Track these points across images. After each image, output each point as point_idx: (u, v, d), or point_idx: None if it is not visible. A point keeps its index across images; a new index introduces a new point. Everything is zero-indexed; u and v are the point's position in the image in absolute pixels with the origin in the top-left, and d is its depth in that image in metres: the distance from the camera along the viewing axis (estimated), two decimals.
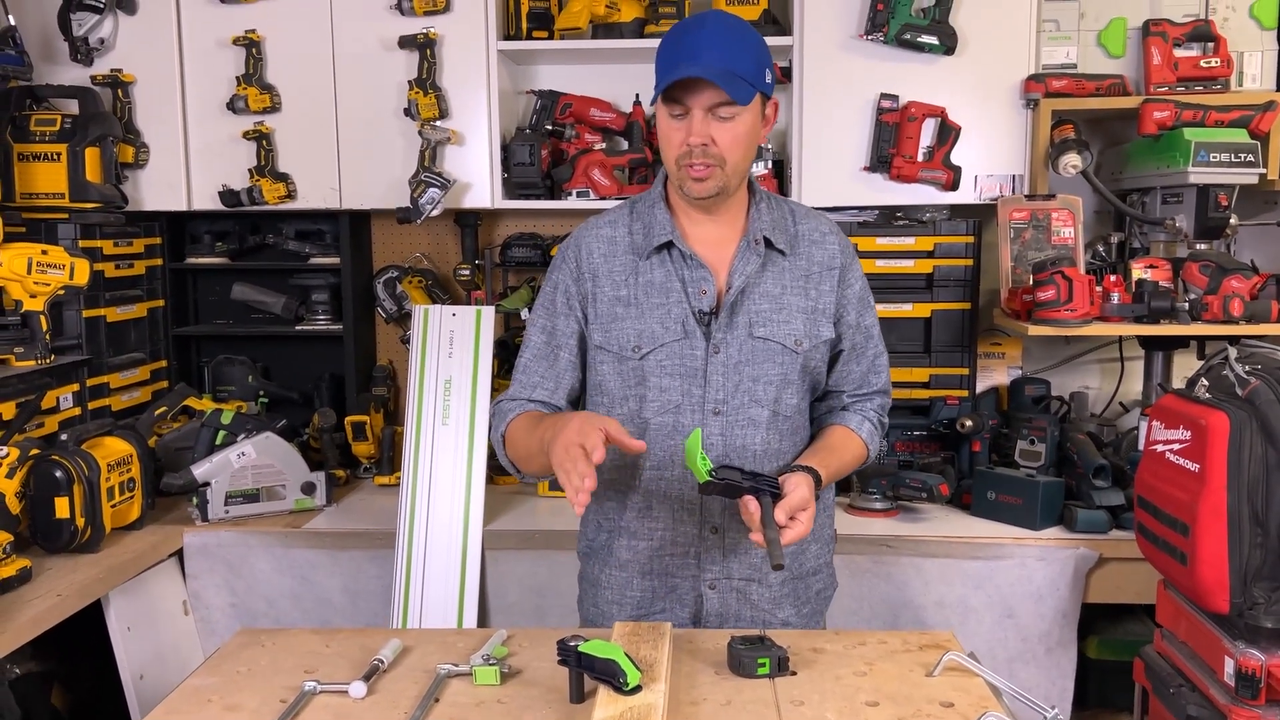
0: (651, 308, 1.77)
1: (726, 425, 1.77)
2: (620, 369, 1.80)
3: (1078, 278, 2.56)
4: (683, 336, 1.76)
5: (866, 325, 1.87)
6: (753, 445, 1.78)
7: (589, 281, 1.82)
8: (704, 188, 1.69)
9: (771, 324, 1.76)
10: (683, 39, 1.66)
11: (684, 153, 1.67)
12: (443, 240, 3.35)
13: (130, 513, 2.57)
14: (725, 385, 1.76)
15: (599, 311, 1.81)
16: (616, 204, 1.90)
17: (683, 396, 1.77)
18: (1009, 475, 2.65)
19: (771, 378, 1.77)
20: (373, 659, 1.65)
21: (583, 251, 1.84)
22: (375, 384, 3.31)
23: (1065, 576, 2.52)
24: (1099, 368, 3.26)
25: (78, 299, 2.79)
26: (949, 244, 2.93)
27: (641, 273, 1.78)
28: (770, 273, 1.77)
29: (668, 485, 1.82)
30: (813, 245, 1.82)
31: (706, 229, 1.78)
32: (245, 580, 2.67)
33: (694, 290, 1.75)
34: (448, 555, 2.59)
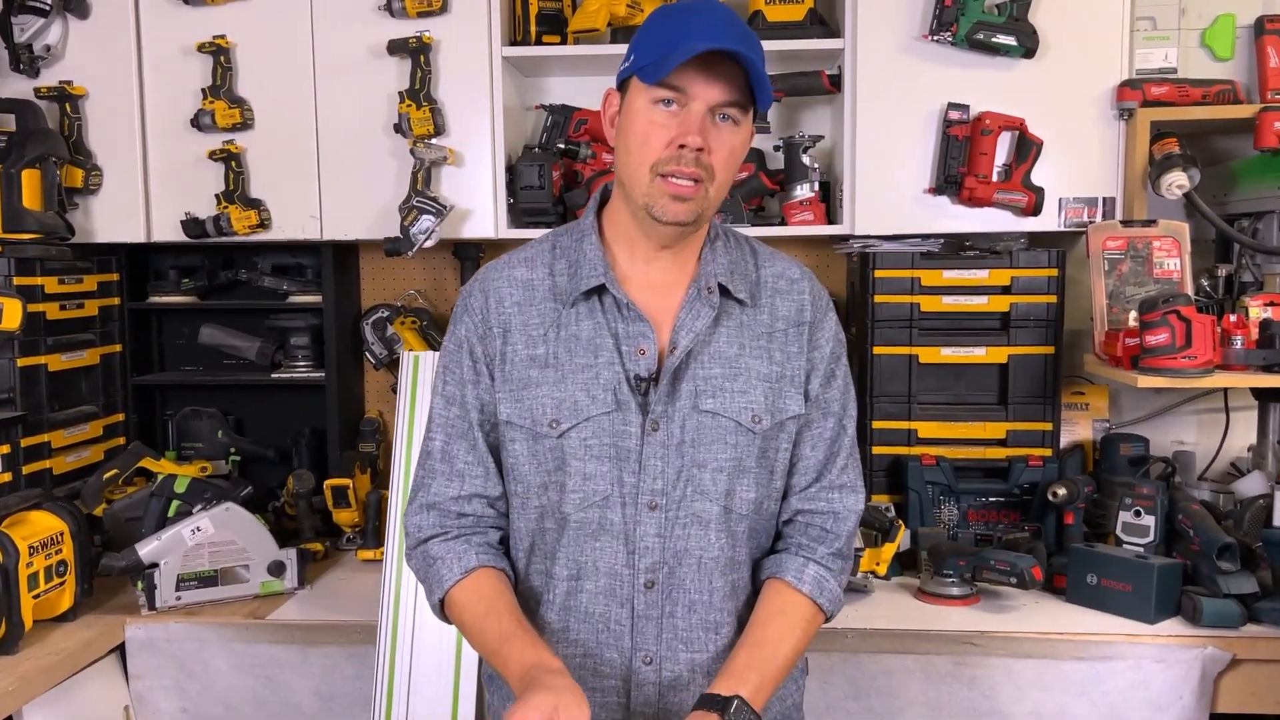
0: (575, 370, 1.36)
1: (666, 523, 1.36)
2: (535, 449, 1.38)
3: (1197, 318, 2.14)
4: (613, 408, 1.35)
5: (828, 399, 1.46)
6: (698, 550, 1.37)
7: (498, 338, 1.40)
8: (684, 209, 1.31)
9: (724, 394, 1.37)
10: (687, 17, 1.31)
11: (670, 156, 1.29)
12: (440, 275, 2.95)
13: (60, 602, 2.16)
14: (665, 472, 1.36)
15: (508, 375, 1.39)
16: (536, 237, 1.49)
17: (611, 485, 1.35)
18: (1115, 556, 2.20)
19: (722, 463, 1.37)
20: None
21: (490, 299, 1.41)
22: (362, 440, 2.90)
23: (1190, 682, 2.07)
24: (1196, 420, 2.83)
25: (10, 345, 2.39)
26: (1028, 278, 2.51)
27: (564, 325, 1.39)
28: (725, 329, 1.40)
29: (589, 600, 1.39)
30: (777, 295, 1.44)
31: (652, 271, 1.40)
32: (199, 681, 2.24)
33: (630, 349, 1.36)
34: (439, 653, 2.16)
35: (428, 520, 1.44)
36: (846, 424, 1.48)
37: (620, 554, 1.37)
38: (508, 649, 1.31)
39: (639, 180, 1.32)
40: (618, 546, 1.37)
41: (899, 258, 2.51)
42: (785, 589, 1.40)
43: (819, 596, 1.40)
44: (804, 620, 1.39)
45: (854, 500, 1.46)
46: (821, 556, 1.43)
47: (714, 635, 1.39)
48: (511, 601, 1.38)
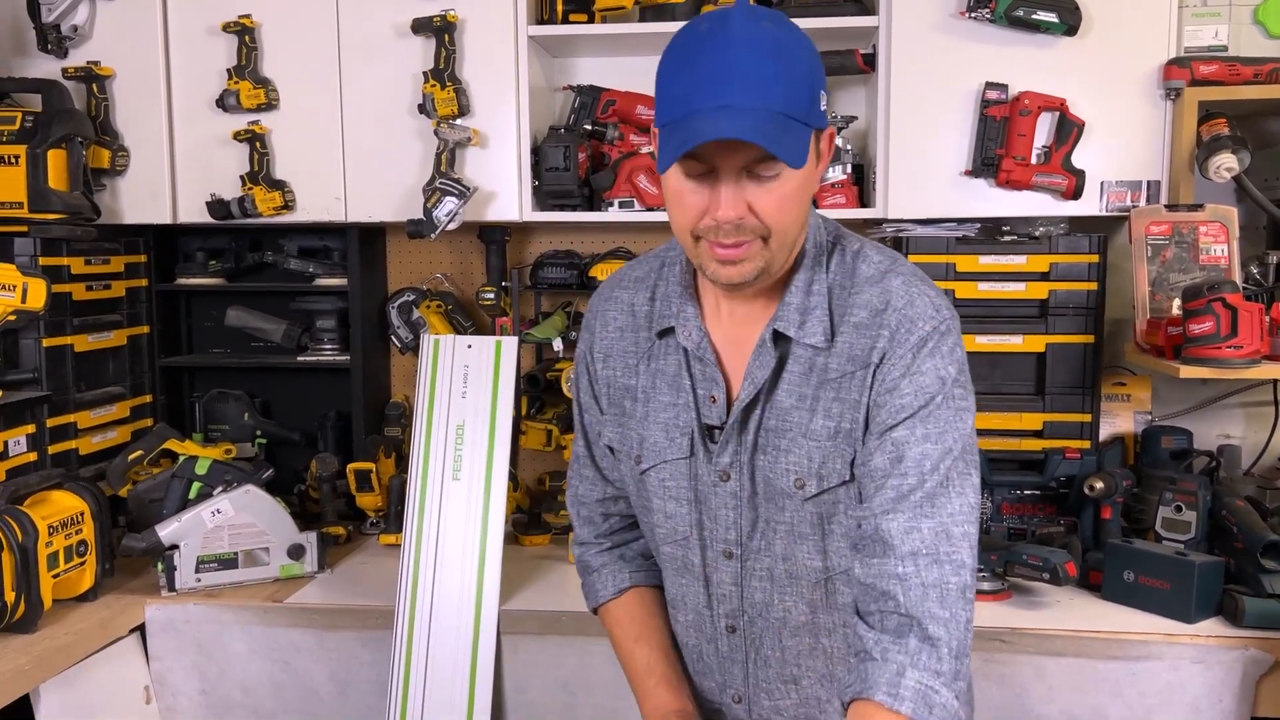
0: (659, 408, 1.30)
1: (743, 574, 1.29)
2: (631, 477, 1.36)
3: (1243, 306, 2.05)
4: (687, 454, 1.28)
5: (899, 439, 1.16)
6: (779, 608, 1.29)
7: (599, 362, 1.37)
8: (738, 272, 1.16)
9: (773, 451, 1.23)
10: (701, 62, 1.09)
11: (708, 226, 1.13)
12: (466, 259, 2.92)
13: (80, 582, 2.16)
14: (739, 523, 1.28)
15: (612, 400, 1.36)
16: (656, 250, 1.39)
17: (691, 528, 1.30)
18: (1154, 552, 2.12)
19: (778, 526, 1.26)
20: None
21: (597, 323, 1.38)
22: (387, 424, 2.88)
23: (1230, 685, 1.99)
24: (1244, 413, 2.72)
25: (36, 325, 2.39)
26: (1068, 264, 2.42)
27: (654, 356, 1.32)
28: (790, 375, 1.23)
29: (683, 631, 1.39)
30: (855, 331, 1.21)
31: (735, 308, 1.27)
32: (218, 664, 2.23)
33: (704, 394, 1.27)
34: (456, 640, 2.13)
35: (580, 519, 1.49)
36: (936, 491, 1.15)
37: (701, 595, 1.34)
38: (651, 685, 1.35)
39: (685, 243, 1.19)
40: (699, 587, 1.33)
41: (934, 242, 2.43)
42: (878, 713, 1.08)
43: (927, 717, 1.07)
44: None
45: (938, 573, 1.12)
46: (920, 660, 1.09)
47: (793, 687, 1.33)
48: (659, 627, 1.40)
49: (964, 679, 1.11)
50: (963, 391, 1.20)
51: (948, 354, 1.19)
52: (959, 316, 1.24)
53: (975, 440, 1.21)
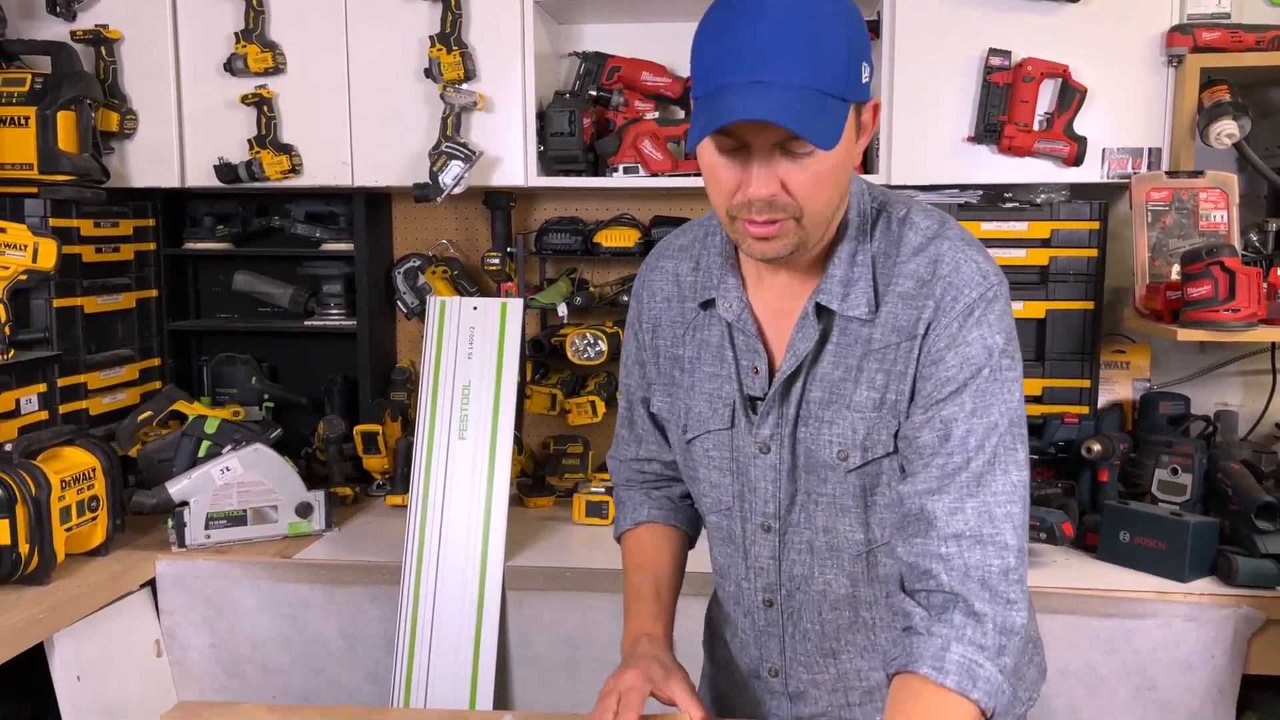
0: (704, 378, 1.30)
1: (781, 548, 1.30)
2: (679, 445, 1.37)
3: (1242, 270, 2.07)
4: (729, 425, 1.28)
5: (947, 417, 1.15)
6: (819, 581, 1.29)
7: (648, 332, 1.37)
8: (772, 248, 1.13)
9: (816, 423, 1.22)
10: (734, 32, 1.05)
11: (740, 203, 1.11)
12: (471, 225, 2.94)
13: (92, 537, 2.19)
14: (778, 496, 1.27)
15: (661, 369, 1.36)
16: (701, 218, 1.37)
17: (733, 499, 1.31)
18: (1149, 513, 2.15)
19: (820, 499, 1.26)
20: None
21: (645, 291, 1.37)
22: (393, 388, 2.91)
23: (1222, 642, 2.02)
24: (1241, 381, 2.75)
25: (46, 286, 2.42)
26: (1069, 231, 2.44)
27: (699, 327, 1.31)
28: (835, 347, 1.21)
29: (725, 600, 1.42)
30: (901, 301, 1.18)
31: (778, 280, 1.25)
32: (227, 619, 2.27)
33: (746, 365, 1.27)
34: (462, 596, 2.17)
35: (616, 469, 1.52)
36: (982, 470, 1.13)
37: (741, 567, 1.34)
38: (635, 608, 1.38)
39: (722, 219, 1.17)
40: (739, 560, 1.34)
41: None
42: (924, 688, 1.08)
43: (971, 690, 1.06)
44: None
45: (980, 555, 1.11)
46: (964, 634, 1.08)
47: (832, 660, 1.34)
48: (661, 561, 1.42)
49: (1010, 655, 1.09)
50: (1010, 361, 1.17)
51: (995, 322, 1.16)
52: (1007, 281, 1.20)
53: (1023, 410, 1.18)
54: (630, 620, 1.37)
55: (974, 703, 1.05)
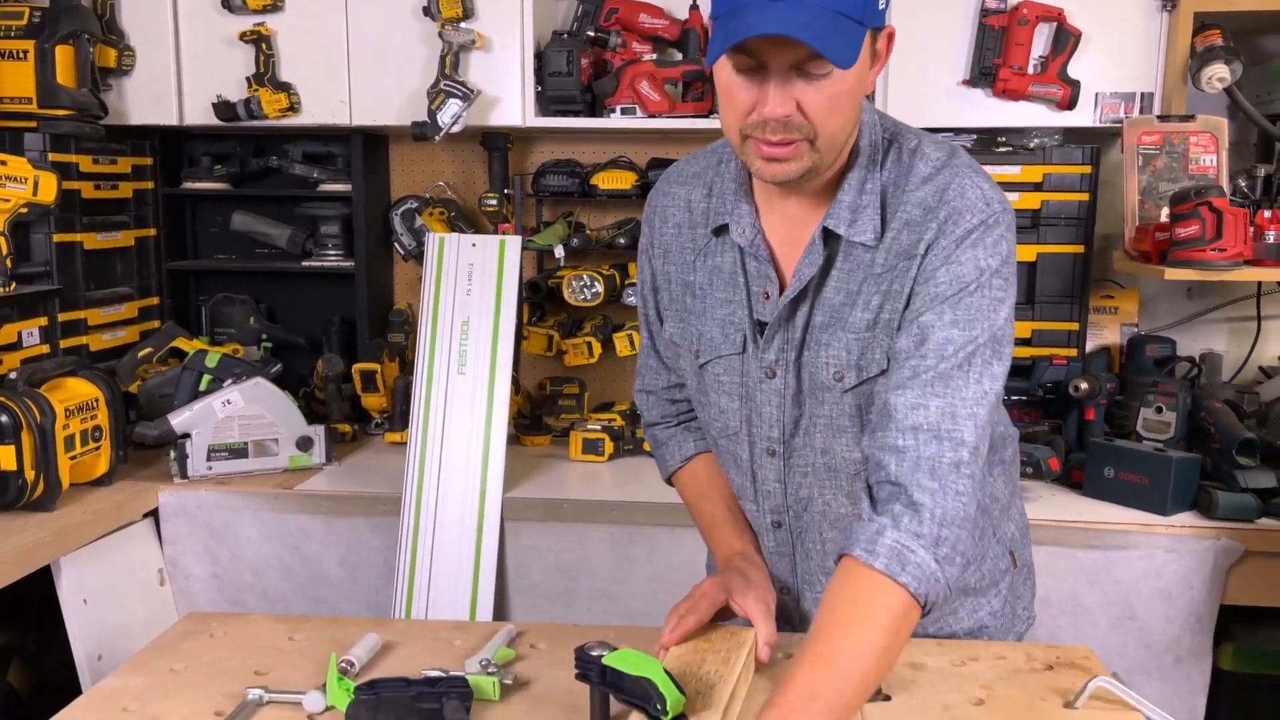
0: (716, 304, 1.32)
1: (786, 471, 1.34)
2: (691, 370, 1.39)
3: (1229, 211, 2.10)
4: (739, 350, 1.31)
5: (925, 323, 1.17)
6: (820, 502, 1.34)
7: (659, 258, 1.39)
8: (783, 170, 1.15)
9: (818, 346, 1.25)
10: None
11: (754, 122, 1.12)
12: (468, 167, 2.95)
13: (96, 467, 2.22)
14: (782, 420, 1.30)
15: (673, 295, 1.38)
16: (714, 145, 1.38)
17: (741, 424, 1.34)
18: (1133, 450, 2.20)
19: (819, 420, 1.29)
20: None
21: (656, 218, 1.39)
22: (391, 330, 2.94)
23: (1201, 572, 2.08)
24: (1227, 328, 2.79)
25: (46, 221, 2.43)
26: (1061, 175, 2.47)
27: (710, 253, 1.33)
28: (838, 273, 1.24)
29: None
30: (906, 228, 1.20)
31: (789, 206, 1.27)
32: (229, 548, 2.31)
33: (757, 291, 1.29)
34: (461, 526, 2.21)
35: (649, 405, 1.53)
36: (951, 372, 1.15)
37: (749, 490, 1.38)
38: (716, 534, 1.42)
39: (734, 140, 1.18)
40: (747, 483, 1.38)
41: None
42: (855, 569, 1.10)
43: (899, 574, 1.08)
44: (885, 614, 1.08)
45: (935, 449, 1.12)
46: (901, 522, 1.10)
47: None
48: (723, 489, 1.45)
49: (948, 545, 1.11)
50: (1002, 283, 1.18)
51: (991, 246, 1.17)
52: (1012, 210, 1.22)
53: (1009, 332, 1.20)
54: (719, 545, 1.41)
55: (902, 586, 1.07)
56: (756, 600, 1.27)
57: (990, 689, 1.28)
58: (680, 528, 2.12)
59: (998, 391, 1.18)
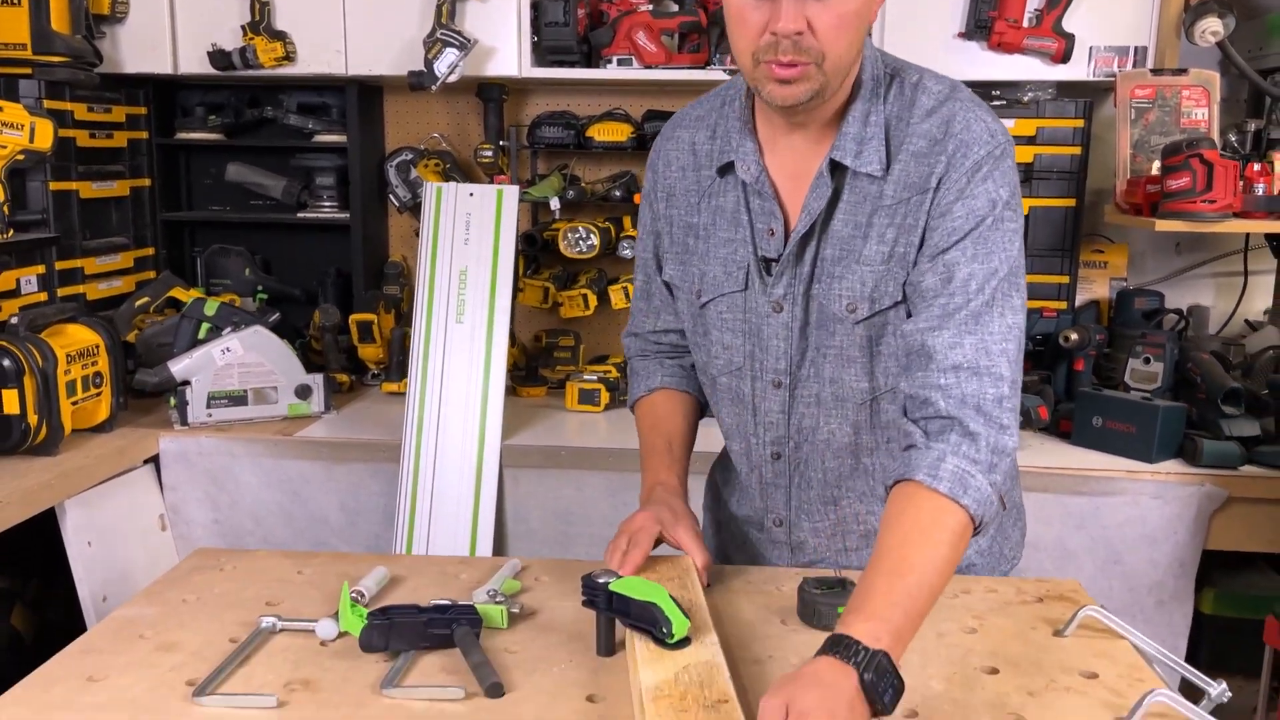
0: (718, 244, 1.35)
1: (790, 402, 1.37)
2: (690, 310, 1.42)
3: (1219, 163, 2.13)
4: (743, 287, 1.34)
5: (950, 261, 1.21)
6: (824, 432, 1.37)
7: (662, 201, 1.42)
8: (792, 93, 1.18)
9: (829, 279, 1.29)
10: None
11: (766, 44, 1.16)
12: (463, 119, 2.95)
13: (97, 412, 2.24)
14: (789, 353, 1.34)
15: (674, 238, 1.41)
16: (717, 89, 1.41)
17: (744, 359, 1.38)
18: (1121, 399, 2.24)
19: (828, 351, 1.32)
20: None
21: (660, 161, 1.42)
22: (386, 282, 2.94)
23: (1185, 518, 2.13)
24: (1214, 283, 2.83)
25: (43, 168, 2.43)
26: (1054, 128, 2.50)
27: (713, 194, 1.36)
28: (846, 205, 1.27)
29: (735, 458, 1.50)
30: (914, 160, 1.24)
31: (794, 142, 1.29)
32: (229, 494, 2.33)
33: (761, 228, 1.32)
34: (460, 471, 2.24)
35: (634, 344, 1.57)
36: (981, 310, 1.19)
37: (750, 424, 1.41)
38: (646, 465, 1.46)
39: (744, 65, 1.21)
40: (748, 417, 1.41)
41: None
42: (919, 492, 1.14)
43: (962, 496, 1.13)
44: (948, 532, 1.12)
45: (976, 385, 1.18)
46: (960, 449, 1.16)
47: (832, 508, 1.43)
48: (674, 423, 1.49)
49: (1000, 473, 1.17)
50: (1013, 214, 1.23)
51: (999, 177, 1.22)
52: (1013, 141, 1.27)
53: (1022, 261, 1.25)
54: (646, 474, 1.45)
55: (964, 508, 1.13)
56: (686, 530, 1.34)
57: (983, 619, 1.32)
58: None
59: (1021, 324, 1.24)
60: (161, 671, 1.16)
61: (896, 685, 0.98)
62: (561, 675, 1.15)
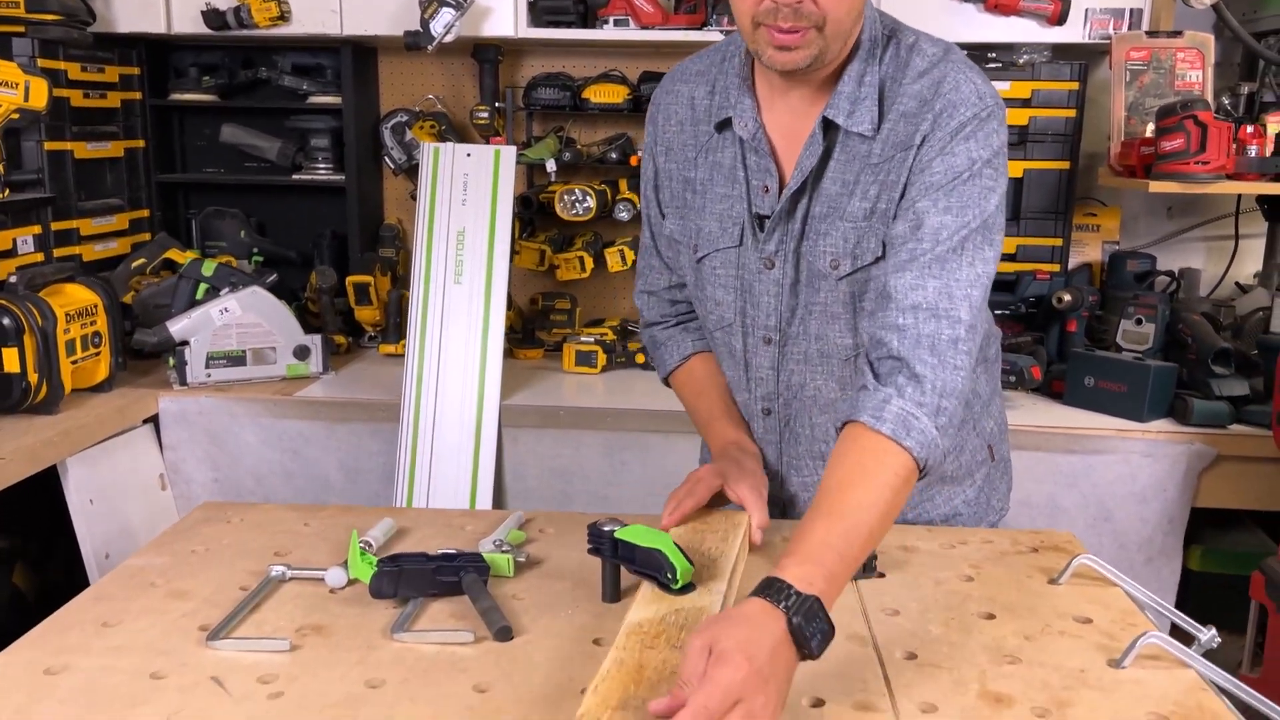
0: (715, 199, 1.37)
1: (780, 358, 1.39)
2: (689, 266, 1.43)
3: (1213, 124, 2.15)
4: (737, 243, 1.36)
5: (921, 209, 1.22)
6: (811, 388, 1.40)
7: (662, 155, 1.42)
8: (791, 59, 1.19)
9: (815, 236, 1.30)
10: None
11: (766, 9, 1.16)
12: (459, 80, 2.94)
13: (96, 372, 2.25)
14: (779, 310, 1.36)
15: (673, 192, 1.42)
16: (717, 44, 1.42)
17: (735, 315, 1.39)
18: (1113, 359, 2.27)
19: (814, 307, 1.34)
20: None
21: (660, 115, 1.43)
22: (382, 245, 2.94)
23: (1175, 476, 2.17)
24: (1205, 247, 2.86)
25: (37, 128, 2.41)
26: (1049, 91, 2.51)
27: (711, 149, 1.37)
28: (836, 164, 1.29)
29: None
30: (903, 120, 1.25)
31: (790, 100, 1.31)
32: (229, 453, 2.35)
33: (756, 184, 1.33)
34: (460, 430, 2.26)
35: (649, 305, 1.57)
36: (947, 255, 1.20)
37: (742, 379, 1.44)
38: (713, 427, 1.47)
39: (744, 28, 1.21)
40: (740, 372, 1.43)
41: None
42: (863, 434, 1.14)
43: (904, 438, 1.12)
44: (890, 474, 1.11)
45: (934, 326, 1.18)
46: (905, 392, 1.15)
47: (820, 463, 1.44)
48: (720, 386, 1.50)
49: (946, 415, 1.16)
50: (993, 173, 1.23)
51: (983, 138, 1.22)
52: (1004, 105, 1.27)
53: (1000, 223, 1.24)
54: (714, 436, 1.46)
55: (907, 450, 1.12)
56: (750, 488, 1.34)
57: (979, 568, 1.34)
58: (673, 434, 2.18)
59: (990, 275, 1.24)
60: (174, 617, 1.17)
61: (825, 630, 0.96)
62: (569, 620, 1.18)
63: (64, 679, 1.04)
